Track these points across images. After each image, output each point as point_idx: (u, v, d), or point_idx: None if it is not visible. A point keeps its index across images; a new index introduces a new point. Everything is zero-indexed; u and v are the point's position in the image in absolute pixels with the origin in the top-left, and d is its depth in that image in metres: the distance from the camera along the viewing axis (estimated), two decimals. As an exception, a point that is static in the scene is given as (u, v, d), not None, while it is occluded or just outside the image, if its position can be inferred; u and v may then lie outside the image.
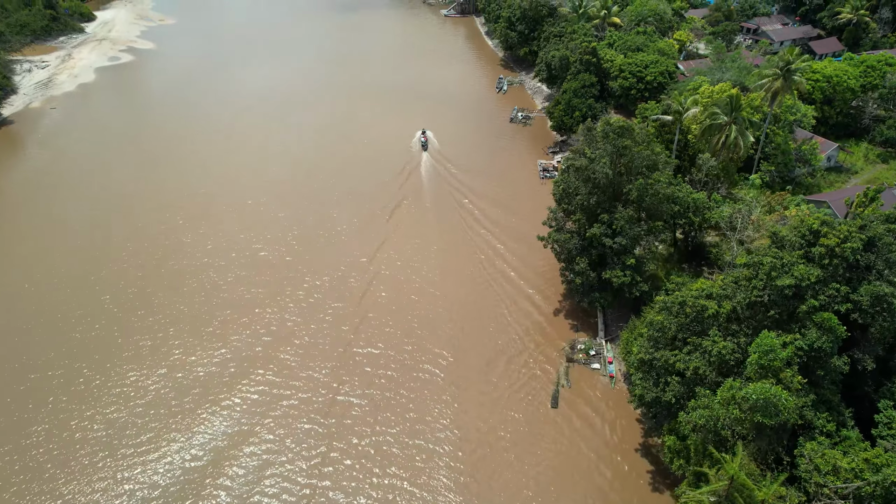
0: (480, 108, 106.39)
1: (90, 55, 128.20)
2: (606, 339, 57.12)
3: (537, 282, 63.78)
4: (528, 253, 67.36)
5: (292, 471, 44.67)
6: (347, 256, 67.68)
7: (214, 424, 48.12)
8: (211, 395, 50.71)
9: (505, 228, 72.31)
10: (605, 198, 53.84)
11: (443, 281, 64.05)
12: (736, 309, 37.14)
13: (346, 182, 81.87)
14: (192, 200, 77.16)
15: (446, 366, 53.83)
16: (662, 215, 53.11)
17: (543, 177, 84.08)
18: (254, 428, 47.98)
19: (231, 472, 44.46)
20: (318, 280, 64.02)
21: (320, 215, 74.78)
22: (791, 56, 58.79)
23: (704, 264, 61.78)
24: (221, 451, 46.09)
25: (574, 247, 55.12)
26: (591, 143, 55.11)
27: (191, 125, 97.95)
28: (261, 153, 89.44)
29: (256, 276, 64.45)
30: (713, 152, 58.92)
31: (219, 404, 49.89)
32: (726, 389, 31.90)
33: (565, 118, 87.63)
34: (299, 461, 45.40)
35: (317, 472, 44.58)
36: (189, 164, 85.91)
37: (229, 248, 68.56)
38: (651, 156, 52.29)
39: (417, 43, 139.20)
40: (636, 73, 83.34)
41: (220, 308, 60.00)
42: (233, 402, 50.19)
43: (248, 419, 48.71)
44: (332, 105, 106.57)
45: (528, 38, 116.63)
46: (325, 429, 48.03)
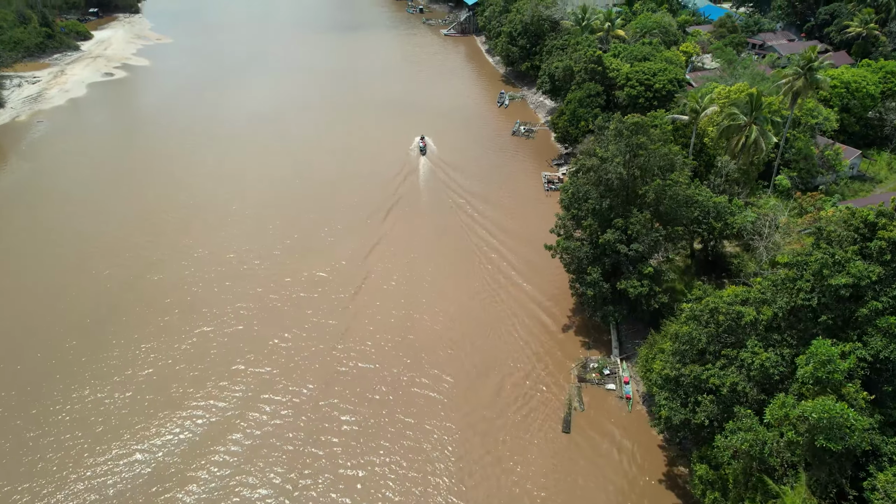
0: (482, 122, 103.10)
1: (83, 71, 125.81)
2: (621, 356, 52.06)
3: (545, 295, 58.99)
4: (534, 264, 62.75)
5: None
6: (341, 268, 63.03)
7: (182, 440, 42.79)
8: (184, 412, 45.45)
9: (510, 239, 67.81)
10: (618, 201, 49.46)
11: (443, 294, 59.28)
12: (777, 315, 32.33)
13: (342, 193, 77.72)
14: (178, 212, 72.82)
15: (447, 386, 48.68)
16: (682, 220, 48.62)
17: (548, 188, 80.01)
18: (228, 446, 42.65)
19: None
20: (306, 293, 59.21)
21: (312, 227, 70.36)
22: (813, 53, 55.18)
23: (725, 276, 56.96)
24: (184, 472, 40.71)
25: (585, 256, 50.48)
26: (602, 142, 50.99)
27: (180, 139, 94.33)
28: (254, 165, 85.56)
29: (241, 288, 59.66)
30: (732, 155, 54.76)
31: (192, 421, 44.61)
32: (777, 407, 26.89)
33: (570, 129, 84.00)
34: (279, 495, 39.97)
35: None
36: (176, 177, 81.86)
37: (214, 260, 63.93)
38: (668, 155, 48.09)
39: (418, 61, 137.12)
40: (644, 81, 79.98)
41: (200, 322, 55.06)
42: (209, 421, 44.90)
43: (224, 439, 43.39)
44: (329, 121, 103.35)
45: (530, 52, 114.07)
46: (311, 456, 42.69)
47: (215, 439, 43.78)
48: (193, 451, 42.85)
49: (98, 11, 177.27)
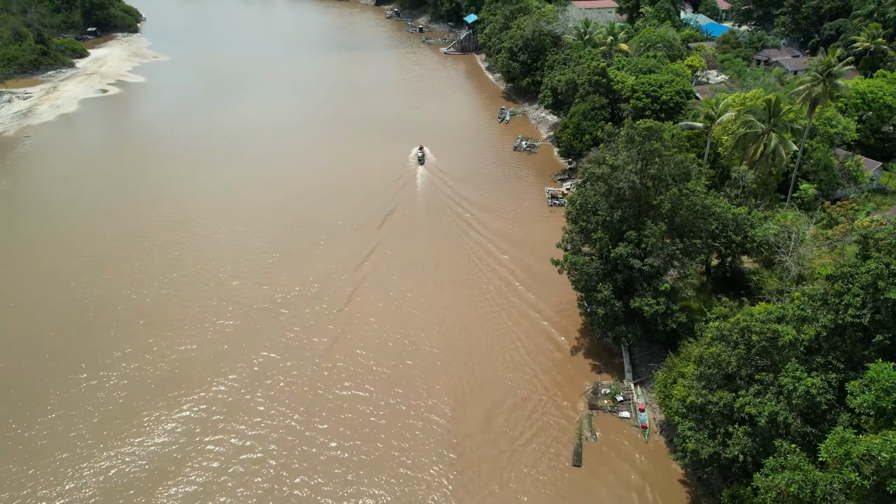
0: (482, 137, 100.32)
1: (76, 88, 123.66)
2: (635, 381, 47.94)
3: (551, 313, 55.10)
4: (539, 280, 59.03)
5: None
6: (332, 285, 59.21)
7: (150, 470, 38.44)
8: (156, 440, 41.16)
9: (513, 255, 64.14)
10: (630, 212, 45.90)
11: (443, 312, 55.37)
12: (821, 335, 28.49)
13: (336, 209, 74.26)
14: (163, 228, 69.20)
15: (446, 414, 44.48)
16: (699, 232, 44.96)
17: (552, 204, 76.63)
18: (200, 477, 38.30)
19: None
20: (295, 312, 55.28)
21: (304, 244, 66.72)
22: (833, 58, 52.25)
23: (744, 294, 53.10)
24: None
25: (595, 271, 46.70)
26: (612, 150, 47.66)
27: (170, 155, 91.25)
28: (247, 182, 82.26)
29: (225, 306, 55.74)
30: (750, 164, 51.40)
31: (164, 448, 40.31)
32: (836, 444, 22.84)
33: (574, 142, 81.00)
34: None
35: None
36: (163, 192, 78.39)
37: (199, 277, 60.15)
38: (684, 162, 44.70)
39: (417, 78, 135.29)
40: (650, 93, 77.18)
41: (180, 342, 51.02)
42: (183, 450, 40.60)
43: (204, 475, 39.06)
44: (326, 138, 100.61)
45: (531, 67, 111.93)
46: (294, 487, 38.36)
47: (188, 470, 39.47)
48: (162, 482, 38.54)
49: (96, 31, 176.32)
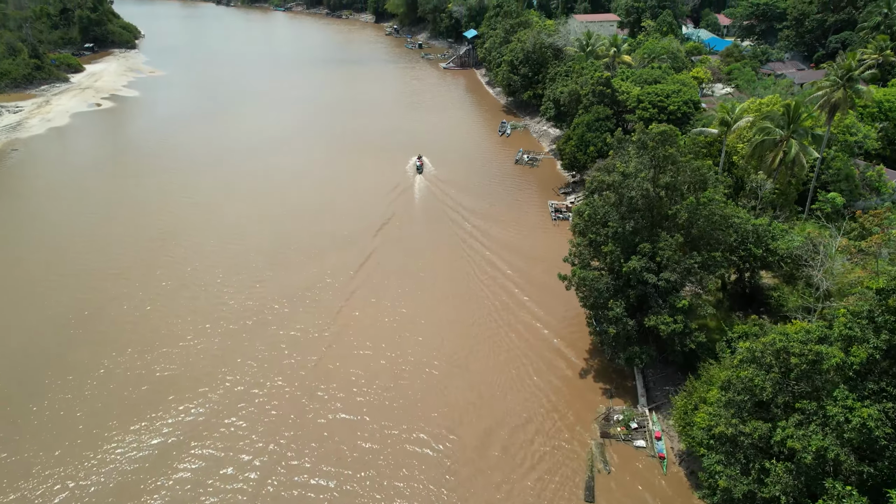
0: (483, 151, 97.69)
1: (69, 102, 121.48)
2: (650, 406, 44.20)
3: (558, 332, 51.50)
4: (544, 296, 55.59)
5: None
6: (324, 301, 55.67)
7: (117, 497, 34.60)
8: (123, 471, 37.26)
9: (516, 269, 60.71)
10: (643, 223, 42.63)
11: (443, 330, 51.76)
12: (872, 357, 25.01)
13: (331, 223, 71.05)
14: (148, 243, 65.89)
15: (445, 443, 40.67)
16: (718, 244, 41.66)
17: (556, 218, 73.48)
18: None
19: None
20: (283, 328, 51.64)
21: (296, 259, 63.32)
22: (853, 61, 49.53)
23: (764, 312, 49.61)
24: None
25: (606, 287, 43.26)
26: (622, 157, 44.59)
27: (160, 168, 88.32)
28: (240, 196, 79.21)
29: (209, 324, 52.13)
30: (767, 173, 48.30)
31: (134, 486, 36.40)
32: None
33: (578, 154, 78.13)
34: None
35: None
36: (150, 207, 75.22)
37: (183, 292, 56.61)
38: (700, 170, 41.58)
39: (416, 92, 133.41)
40: (657, 103, 74.61)
41: (158, 364, 47.30)
42: (155, 484, 36.68)
43: None
44: (322, 152, 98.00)
45: (532, 80, 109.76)
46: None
47: (157, 500, 35.63)
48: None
49: (93, 47, 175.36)
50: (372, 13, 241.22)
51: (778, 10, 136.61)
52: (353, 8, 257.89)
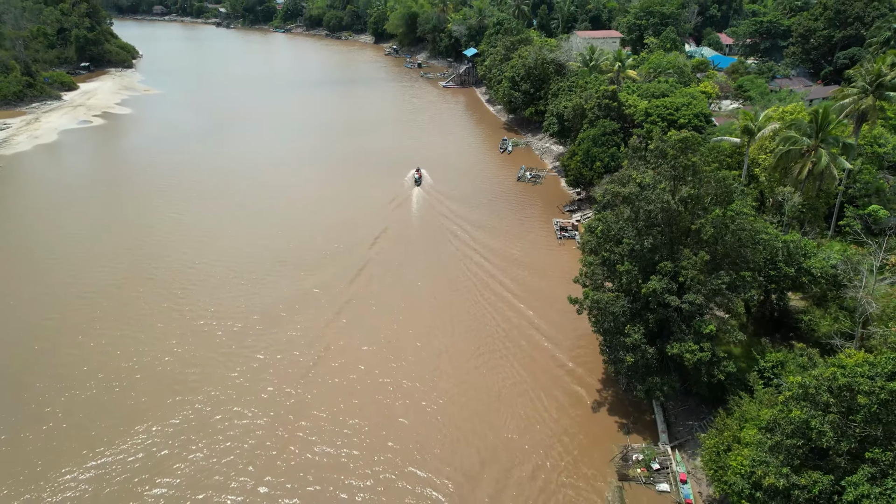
0: (484, 168, 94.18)
1: (59, 119, 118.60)
2: (673, 444, 39.56)
3: (567, 359, 47.08)
4: (552, 320, 51.32)
5: None
6: (311, 327, 51.26)
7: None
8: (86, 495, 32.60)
9: (521, 291, 56.43)
10: (663, 239, 38.51)
11: (442, 356, 47.29)
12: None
13: (324, 239, 66.98)
14: (128, 261, 61.83)
15: (447, 483, 35.97)
16: (747, 263, 37.50)
17: (561, 237, 69.47)
18: None
19: None
20: (268, 357, 47.16)
21: (284, 277, 59.06)
22: (883, 65, 46.03)
23: (793, 337, 45.19)
24: None
25: (622, 311, 38.96)
26: (638, 167, 40.71)
27: (144, 186, 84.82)
28: (229, 216, 75.34)
29: (187, 353, 47.68)
30: (794, 185, 44.37)
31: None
32: None
33: (583, 170, 74.39)
34: None
35: None
36: (129, 225, 71.43)
37: (161, 317, 52.29)
38: (725, 181, 37.64)
39: (416, 111, 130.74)
40: (666, 116, 71.18)
41: (127, 393, 42.72)
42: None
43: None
44: (318, 169, 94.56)
45: (534, 97, 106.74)
46: None
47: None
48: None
49: (90, 66, 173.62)
50: (371, 34, 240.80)
51: (782, 28, 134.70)
52: (352, 29, 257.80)
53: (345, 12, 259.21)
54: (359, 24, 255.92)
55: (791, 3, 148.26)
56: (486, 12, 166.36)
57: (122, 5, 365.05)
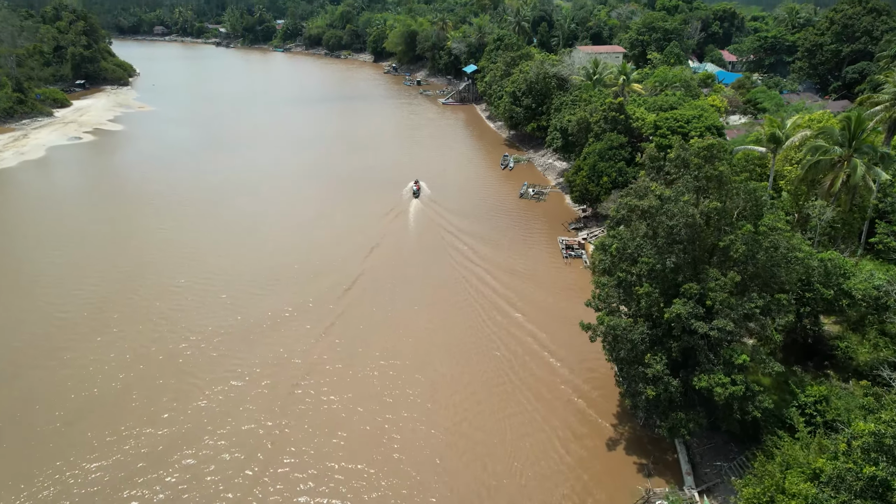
0: (485, 184, 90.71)
1: (49, 135, 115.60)
2: (700, 489, 35.10)
3: (577, 390, 42.77)
4: (559, 343, 47.10)
5: None
6: (298, 346, 47.01)
7: None
8: None
9: (525, 313, 52.29)
10: (686, 258, 34.57)
11: (441, 383, 42.97)
12: None
13: (315, 264, 63.03)
14: (107, 279, 57.85)
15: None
16: (780, 284, 33.51)
17: (567, 255, 65.58)
18: None
19: None
20: (249, 386, 42.83)
21: (272, 298, 54.96)
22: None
23: (829, 367, 41.02)
24: None
25: (641, 338, 34.86)
26: (658, 178, 36.98)
27: (127, 202, 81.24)
28: (219, 229, 71.56)
29: (162, 379, 43.40)
30: (825, 198, 40.60)
31: None
32: None
33: (590, 186, 70.82)
34: None
35: None
36: (114, 240, 67.70)
37: (136, 341, 48.09)
38: (755, 192, 33.83)
39: (415, 127, 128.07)
40: (676, 129, 67.82)
41: (92, 436, 38.35)
42: None
43: None
44: (312, 186, 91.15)
45: (536, 112, 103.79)
46: None
47: None
48: None
49: (85, 83, 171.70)
50: (371, 53, 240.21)
51: (787, 43, 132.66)
52: (351, 48, 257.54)
53: (344, 31, 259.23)
54: (358, 43, 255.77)
55: (793, 20, 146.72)
56: (486, 30, 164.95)
57: (124, 26, 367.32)
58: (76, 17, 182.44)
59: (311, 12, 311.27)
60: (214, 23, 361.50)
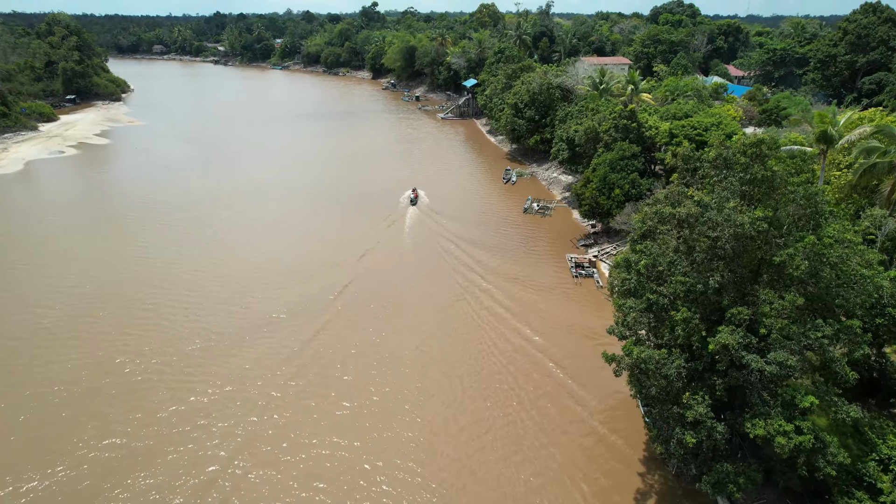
0: (486, 199, 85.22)
1: (30, 149, 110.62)
2: (752, 558, 28.77)
3: (598, 431, 36.53)
4: (577, 372, 40.95)
5: None
6: (272, 382, 40.88)
7: None
8: None
9: (540, 335, 46.26)
10: (732, 276, 28.72)
11: (441, 427, 36.76)
12: None
13: (307, 281, 57.18)
14: (68, 298, 51.90)
15: None
16: (852, 308, 27.61)
17: (577, 275, 59.73)
18: None
19: None
20: (218, 424, 36.59)
21: (247, 323, 48.94)
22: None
23: (894, 404, 34.92)
24: None
25: (678, 373, 28.85)
26: (694, 182, 31.33)
27: (110, 214, 75.72)
28: (198, 246, 65.81)
29: (116, 414, 37.21)
30: (886, 206, 34.95)
31: None
32: None
33: (600, 199, 65.29)
34: None
35: None
36: (82, 256, 61.93)
37: (91, 371, 41.95)
38: (815, 197, 28.10)
39: (414, 141, 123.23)
40: (694, 137, 62.54)
41: (44, 464, 32.11)
42: None
43: None
44: (301, 201, 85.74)
45: (539, 124, 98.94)
46: None
47: None
48: None
49: (76, 98, 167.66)
50: (369, 69, 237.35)
51: (797, 55, 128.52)
52: (350, 66, 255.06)
53: (343, 49, 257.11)
54: (356, 60, 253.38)
55: (799, 35, 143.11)
56: (486, 44, 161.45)
57: (123, 45, 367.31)
58: (69, 33, 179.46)
59: (311, 31, 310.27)
60: (213, 41, 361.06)
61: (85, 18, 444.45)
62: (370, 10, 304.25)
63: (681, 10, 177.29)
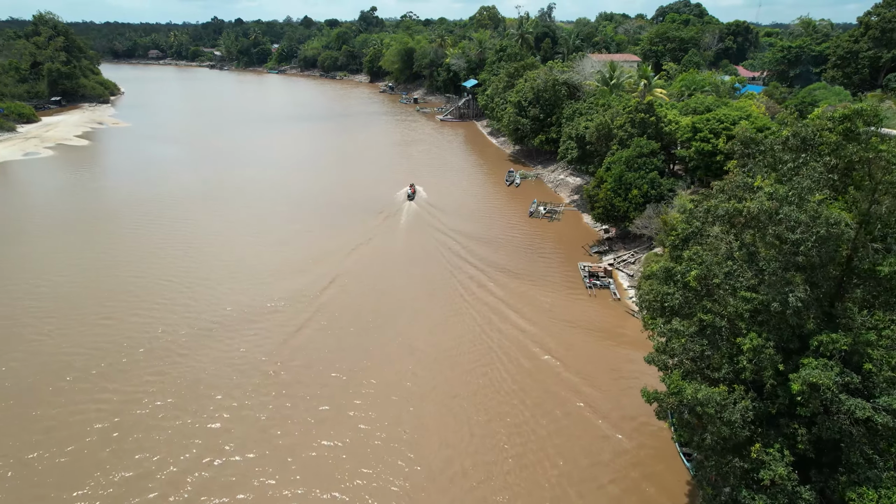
0: (489, 202, 78.70)
1: (2, 151, 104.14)
2: None
3: (629, 477, 29.52)
4: (597, 410, 34.03)
5: None
6: (264, 399, 33.96)
7: None
8: None
9: (555, 357, 39.38)
10: (816, 292, 21.93)
11: (441, 460, 29.80)
12: None
13: (299, 292, 50.34)
14: (34, 303, 45.11)
15: None
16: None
17: (591, 285, 52.95)
18: None
19: None
20: (194, 447, 29.65)
21: (218, 340, 42.08)
22: None
23: None
24: None
25: (741, 419, 21.99)
26: (756, 170, 24.64)
27: (80, 218, 69.14)
28: (173, 252, 59.07)
29: (64, 437, 30.29)
30: None
31: None
32: None
33: (616, 200, 58.62)
34: None
35: None
36: (41, 263, 55.17)
37: (43, 385, 35.09)
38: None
39: (412, 143, 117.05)
40: (720, 131, 56.00)
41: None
42: None
43: None
44: (293, 209, 79.23)
45: (544, 123, 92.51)
46: None
47: None
48: None
49: (61, 100, 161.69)
50: (367, 73, 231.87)
51: (813, 53, 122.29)
52: (347, 69, 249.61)
53: (340, 52, 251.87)
54: (354, 64, 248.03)
55: (811, 35, 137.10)
56: (487, 45, 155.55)
57: (119, 50, 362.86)
58: (55, 33, 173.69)
59: (309, 36, 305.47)
60: (210, 46, 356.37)
61: (84, 26, 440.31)
62: (369, 14, 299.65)
63: (688, 10, 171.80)
